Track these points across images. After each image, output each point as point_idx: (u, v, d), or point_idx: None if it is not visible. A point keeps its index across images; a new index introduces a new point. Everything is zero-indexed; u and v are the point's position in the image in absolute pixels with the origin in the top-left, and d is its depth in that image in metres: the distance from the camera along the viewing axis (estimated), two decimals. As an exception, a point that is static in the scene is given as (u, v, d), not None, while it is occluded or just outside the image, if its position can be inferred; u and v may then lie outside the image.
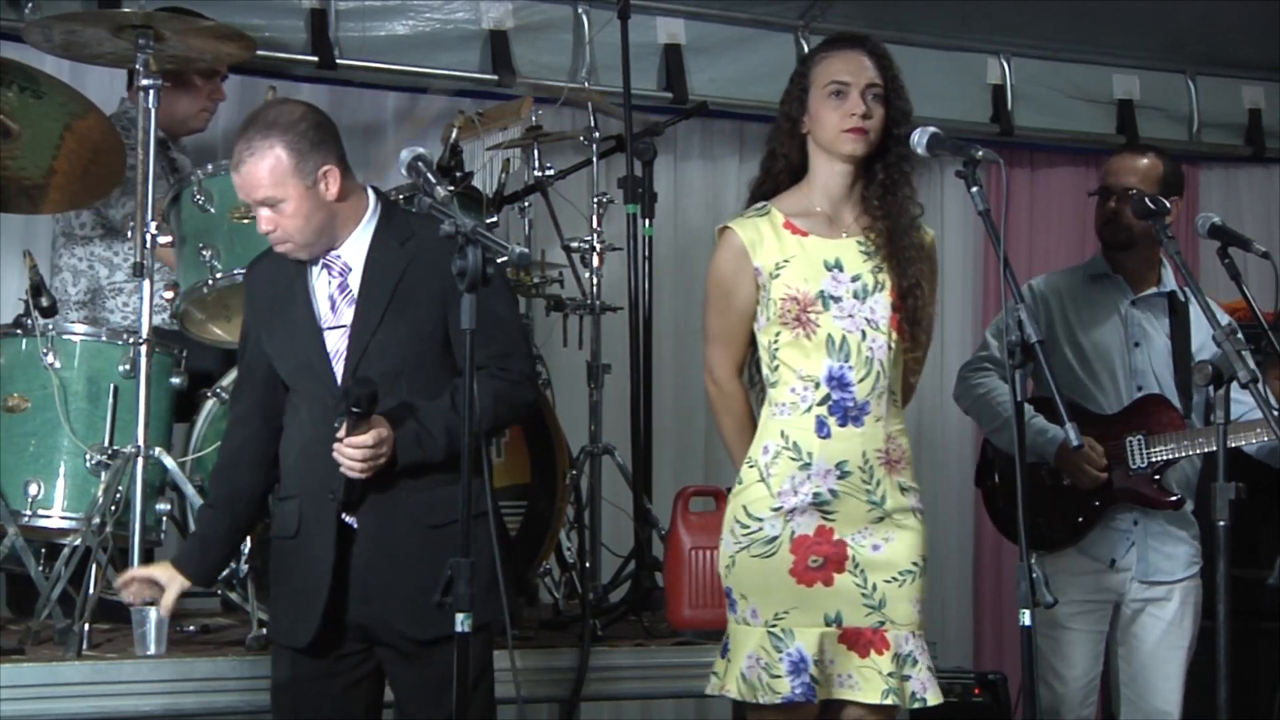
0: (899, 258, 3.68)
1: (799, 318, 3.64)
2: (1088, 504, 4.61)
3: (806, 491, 3.62)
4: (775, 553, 3.62)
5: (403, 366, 3.56)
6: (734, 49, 6.17)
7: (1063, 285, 4.79)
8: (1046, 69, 6.64)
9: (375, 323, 3.55)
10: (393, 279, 3.58)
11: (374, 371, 3.50)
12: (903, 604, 3.65)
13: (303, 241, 3.57)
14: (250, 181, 3.52)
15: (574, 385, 5.17)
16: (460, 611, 3.34)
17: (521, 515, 4.48)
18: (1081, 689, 4.67)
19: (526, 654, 4.26)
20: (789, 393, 3.66)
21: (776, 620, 3.61)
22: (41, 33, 4.48)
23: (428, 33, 5.74)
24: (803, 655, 3.58)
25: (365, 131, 5.82)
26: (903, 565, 3.66)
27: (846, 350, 3.64)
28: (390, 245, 3.61)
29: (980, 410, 4.71)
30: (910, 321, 3.70)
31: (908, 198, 3.73)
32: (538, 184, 5.09)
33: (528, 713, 4.40)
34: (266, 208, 3.53)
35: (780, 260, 3.67)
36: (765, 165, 3.81)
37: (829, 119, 3.68)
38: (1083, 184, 6.79)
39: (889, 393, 3.67)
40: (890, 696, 3.61)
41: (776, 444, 3.65)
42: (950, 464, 6.56)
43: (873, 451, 3.64)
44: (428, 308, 3.57)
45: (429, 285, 3.57)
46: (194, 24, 4.49)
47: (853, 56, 3.71)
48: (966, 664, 6.29)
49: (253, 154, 3.51)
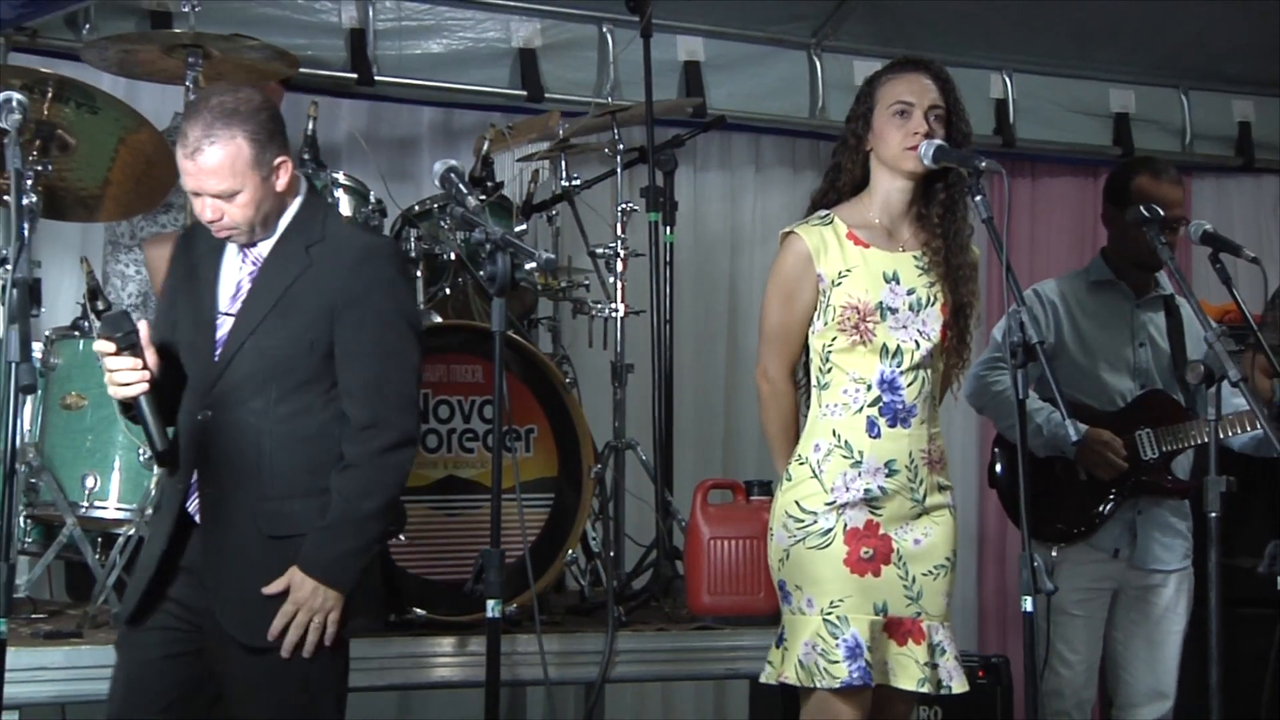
0: (954, 276, 3.70)
1: (857, 326, 3.64)
2: (1105, 497, 4.60)
3: (858, 488, 3.62)
4: (830, 544, 3.62)
5: (275, 370, 3.33)
6: (750, 65, 6.17)
7: (1069, 290, 4.78)
8: (1047, 84, 6.63)
9: (256, 322, 3.34)
10: (285, 281, 3.36)
11: (246, 370, 3.33)
12: (936, 596, 3.67)
13: (247, 230, 3.36)
14: (208, 170, 3.27)
15: (599, 384, 5.17)
16: (491, 599, 3.35)
17: (549, 507, 4.47)
18: (1084, 672, 4.66)
19: (553, 639, 4.26)
20: (841, 394, 3.66)
21: (832, 608, 3.60)
22: (98, 52, 4.50)
23: (461, 51, 5.75)
24: (858, 641, 3.58)
25: (401, 144, 5.83)
26: (939, 559, 3.68)
27: (900, 357, 3.64)
28: (294, 246, 3.39)
29: (996, 408, 4.69)
30: (959, 338, 3.71)
31: (963, 218, 3.73)
32: (565, 194, 5.09)
33: (554, 695, 4.41)
34: (219, 199, 3.30)
35: (843, 269, 3.66)
36: (830, 177, 3.80)
37: (893, 137, 3.67)
38: (1081, 193, 6.79)
39: (932, 398, 3.70)
40: (925, 685, 3.62)
41: (828, 442, 3.65)
42: (954, 457, 6.49)
43: (918, 451, 3.66)
44: (314, 316, 3.34)
45: (321, 295, 3.34)
46: (240, 43, 4.51)
47: (916, 79, 3.71)
48: (971, 648, 6.28)
49: (213, 142, 3.26)
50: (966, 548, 6.56)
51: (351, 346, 3.36)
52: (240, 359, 3.34)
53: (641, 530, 5.03)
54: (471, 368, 4.42)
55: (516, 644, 4.13)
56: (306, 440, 3.35)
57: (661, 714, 5.97)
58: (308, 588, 3.29)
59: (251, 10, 5.34)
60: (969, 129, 3.75)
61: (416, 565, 4.29)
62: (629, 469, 5.04)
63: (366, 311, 3.37)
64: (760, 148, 6.36)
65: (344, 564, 3.33)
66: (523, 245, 3.50)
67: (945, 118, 3.70)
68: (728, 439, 6.19)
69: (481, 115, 5.69)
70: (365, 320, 3.36)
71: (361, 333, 3.36)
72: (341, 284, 3.36)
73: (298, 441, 3.35)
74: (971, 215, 3.69)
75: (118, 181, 4.39)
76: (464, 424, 4.40)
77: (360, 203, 4.58)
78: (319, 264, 3.37)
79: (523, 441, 4.43)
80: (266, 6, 5.40)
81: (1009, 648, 6.17)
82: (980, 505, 6.47)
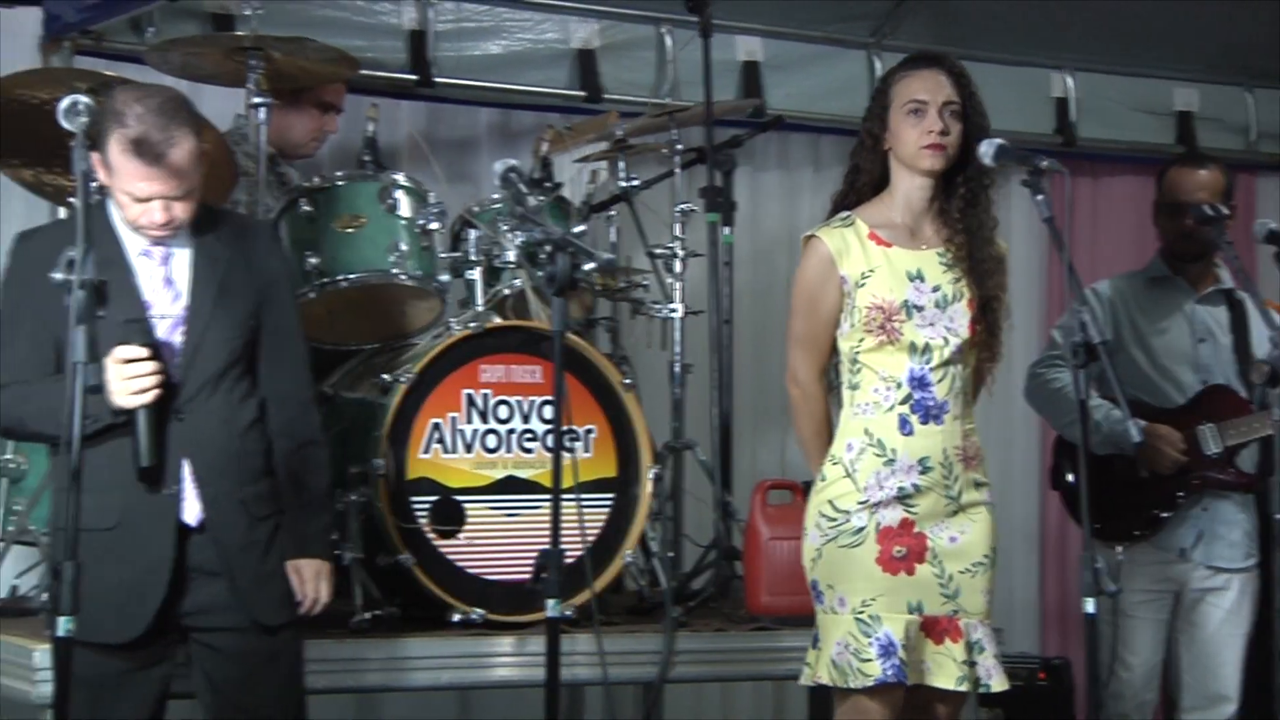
0: (978, 270, 3.68)
1: (884, 326, 3.62)
2: (1168, 496, 4.57)
3: (891, 486, 3.61)
4: (862, 543, 3.61)
5: (227, 361, 3.42)
6: (809, 65, 6.16)
7: (1126, 288, 4.76)
8: (1108, 83, 6.58)
9: (207, 316, 3.40)
10: (219, 272, 3.42)
11: (205, 367, 3.38)
12: (975, 594, 3.64)
13: (182, 227, 3.38)
14: (174, 172, 3.27)
15: (658, 385, 5.17)
16: (550, 598, 3.37)
17: (608, 508, 4.48)
18: (1145, 674, 4.64)
19: (612, 639, 4.26)
20: (871, 393, 3.65)
21: (864, 607, 3.59)
22: (161, 55, 4.54)
23: (519, 52, 5.76)
24: (891, 639, 3.57)
25: (461, 145, 5.84)
26: (976, 556, 3.65)
27: (929, 354, 3.62)
28: (209, 237, 3.43)
29: (1055, 405, 4.67)
30: (989, 332, 3.69)
31: (986, 211, 3.71)
32: (623, 194, 5.09)
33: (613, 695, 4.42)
34: (176, 200, 3.30)
35: (866, 270, 3.65)
36: (849, 179, 3.80)
37: (908, 136, 3.66)
38: (1143, 193, 6.69)
39: (964, 394, 3.68)
40: (964, 683, 3.60)
41: (861, 441, 3.64)
42: (1016, 457, 6.50)
43: (952, 448, 3.64)
44: (249, 304, 3.45)
45: (250, 280, 3.45)
46: (301, 46, 4.54)
47: (930, 75, 3.69)
48: (1032, 650, 6.24)
49: (174, 144, 3.27)
50: (1028, 548, 6.53)
51: (282, 325, 3.53)
52: (200, 357, 3.40)
53: (700, 531, 5.03)
54: (530, 368, 4.43)
55: (575, 644, 4.13)
56: (254, 423, 3.49)
57: (720, 714, 5.96)
58: (311, 567, 3.53)
59: (312, 12, 5.36)
60: (986, 122, 3.73)
61: (476, 565, 4.31)
62: (688, 469, 5.04)
63: (286, 291, 3.57)
64: (819, 148, 6.34)
65: (326, 536, 3.64)
66: (582, 245, 3.52)
67: (962, 113, 3.68)
68: (786, 439, 6.17)
69: (540, 116, 5.70)
70: (287, 299, 3.57)
71: (288, 311, 3.55)
72: (261, 266, 3.48)
73: (249, 425, 3.48)
74: (1031, 215, 3.68)
75: (180, 183, 4.41)
76: (523, 424, 4.41)
77: (420, 204, 4.60)
78: (238, 252, 3.46)
79: (582, 442, 4.44)
80: (327, 9, 5.42)
81: (1070, 649, 6.12)
82: (1042, 505, 6.44)
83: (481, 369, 4.37)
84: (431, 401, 4.30)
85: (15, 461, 4.43)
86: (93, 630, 3.19)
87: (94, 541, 3.21)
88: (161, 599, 3.36)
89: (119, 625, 3.35)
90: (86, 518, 3.10)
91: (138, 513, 3.37)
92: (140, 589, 3.36)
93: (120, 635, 3.35)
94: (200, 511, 3.41)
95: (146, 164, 3.27)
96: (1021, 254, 6.57)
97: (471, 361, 4.36)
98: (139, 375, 3.26)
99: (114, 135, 3.30)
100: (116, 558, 3.34)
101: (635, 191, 5.09)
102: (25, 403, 3.38)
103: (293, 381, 3.55)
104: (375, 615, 4.19)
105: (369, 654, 4.12)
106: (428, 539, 4.27)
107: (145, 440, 3.32)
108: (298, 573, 3.52)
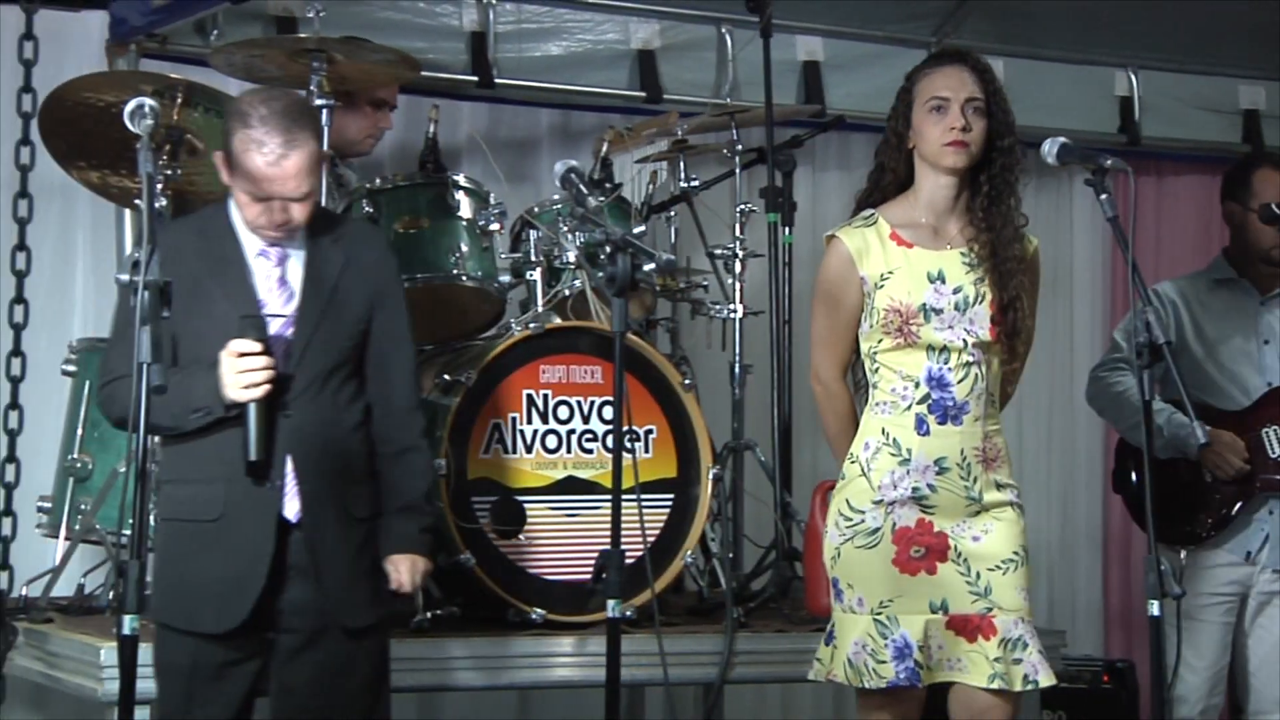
0: (1000, 270, 3.63)
1: (901, 328, 3.60)
2: (1233, 499, 4.53)
3: (906, 486, 3.59)
4: (878, 544, 3.59)
5: (335, 363, 3.47)
6: (870, 65, 6.13)
7: (1190, 290, 4.72)
8: (1173, 81, 6.52)
9: (318, 317, 3.45)
10: (333, 275, 3.47)
11: (314, 367, 3.43)
12: (1009, 591, 3.60)
13: (300, 229, 3.44)
14: (293, 174, 3.33)
15: (717, 385, 5.16)
16: (610, 599, 3.37)
17: (668, 508, 4.48)
18: (1210, 678, 4.60)
19: (672, 639, 4.26)
20: (889, 392, 3.63)
21: (881, 608, 3.58)
22: (225, 57, 4.57)
23: (580, 53, 5.77)
24: (907, 641, 3.55)
25: (521, 146, 5.86)
26: (1004, 555, 3.62)
27: (947, 355, 3.60)
28: (324, 240, 3.49)
29: (1117, 408, 4.64)
30: (1009, 334, 3.65)
31: (1012, 209, 3.67)
32: (683, 194, 5.09)
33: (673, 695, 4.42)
34: (294, 201, 3.37)
35: (885, 271, 3.63)
36: (873, 178, 3.77)
37: (931, 133, 3.64)
38: (1208, 192, 6.64)
39: (988, 394, 3.63)
40: (997, 681, 3.56)
41: (877, 440, 3.62)
42: (1079, 460, 6.46)
43: (970, 449, 3.61)
44: (360, 308, 3.50)
45: (362, 286, 3.50)
46: (363, 48, 4.57)
47: (953, 72, 3.67)
48: (1096, 652, 6.20)
49: (296, 146, 3.33)
50: (1091, 551, 6.50)
51: (392, 332, 3.56)
52: (309, 357, 3.43)
53: (760, 531, 5.02)
54: (590, 368, 4.44)
55: (636, 644, 4.13)
56: (359, 426, 3.53)
57: (781, 715, 5.96)
58: (407, 560, 3.55)
59: (374, 14, 5.39)
60: (1011, 119, 3.69)
61: (536, 565, 4.32)
62: (748, 470, 5.04)
63: (398, 298, 3.60)
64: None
65: (428, 538, 3.63)
66: (642, 246, 3.52)
67: (985, 109, 3.64)
68: (847, 440, 6.16)
69: (600, 116, 5.71)
70: (398, 307, 3.59)
71: (398, 319, 3.58)
72: (375, 273, 3.52)
73: (354, 428, 3.52)
74: (1095, 215, 3.65)
75: (243, 185, 4.44)
76: (583, 425, 4.42)
77: (480, 204, 4.62)
78: (352, 256, 3.51)
79: (642, 442, 4.45)
80: (388, 11, 5.45)
81: (1134, 652, 6.08)
82: (1105, 508, 6.40)
83: (542, 369, 4.39)
84: (492, 402, 4.32)
85: (81, 461, 4.48)
86: (193, 619, 3.38)
87: (198, 533, 3.40)
88: (259, 593, 3.39)
89: (218, 616, 3.40)
90: (191, 509, 3.40)
91: (241, 506, 3.41)
92: (240, 581, 3.40)
93: (218, 625, 3.40)
94: (298, 509, 3.45)
95: (268, 165, 3.33)
96: (1084, 255, 6.55)
97: (532, 362, 4.38)
98: (252, 369, 3.32)
99: (238, 135, 3.37)
100: (219, 550, 3.40)
101: (695, 192, 5.09)
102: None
103: (398, 387, 3.57)
104: (436, 615, 4.21)
105: (430, 654, 4.14)
106: (488, 539, 4.28)
107: (255, 434, 3.36)
108: (395, 566, 3.55)
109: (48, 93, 4.32)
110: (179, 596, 3.42)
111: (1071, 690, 5.48)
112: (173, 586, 3.44)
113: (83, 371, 4.56)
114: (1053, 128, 3.69)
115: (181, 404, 3.35)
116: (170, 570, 3.46)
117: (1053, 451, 6.42)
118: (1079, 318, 6.54)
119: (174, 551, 3.47)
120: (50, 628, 4.19)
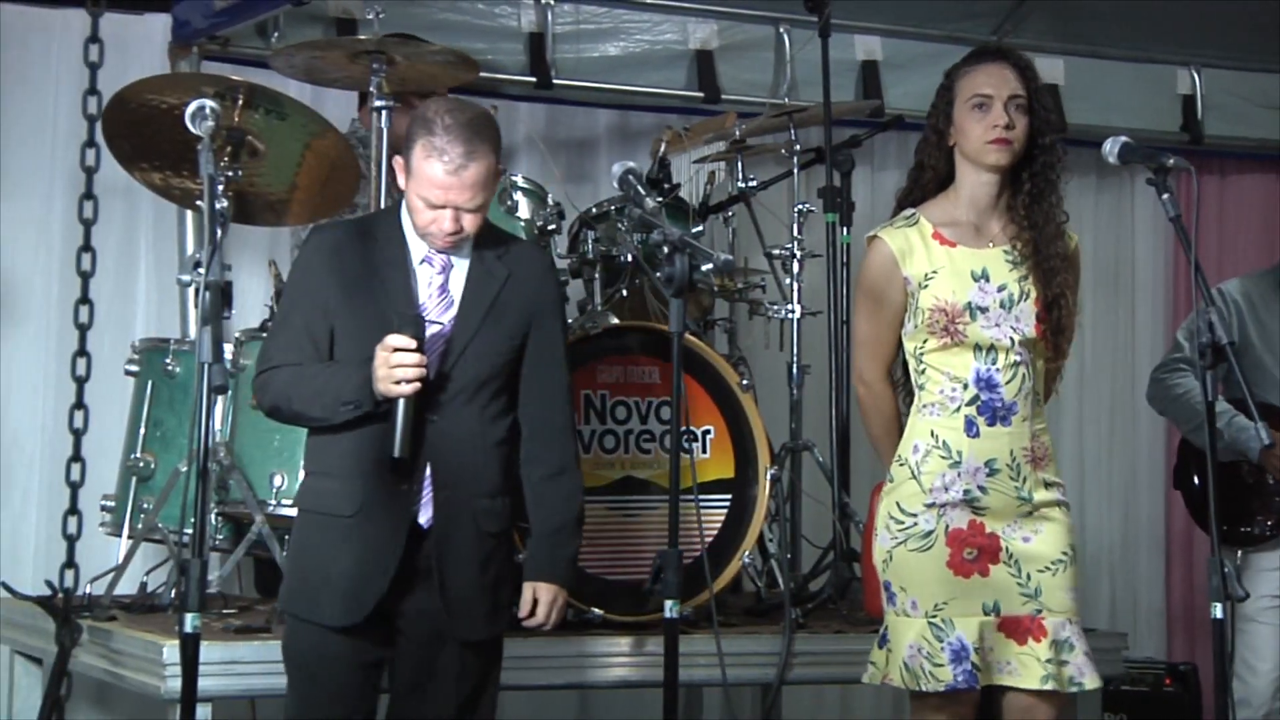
0: (1044, 268, 3.60)
1: (947, 328, 3.58)
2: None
3: (957, 489, 3.57)
4: (932, 546, 3.57)
5: (487, 376, 3.47)
6: (929, 64, 6.07)
7: (1253, 289, 4.68)
8: (1236, 79, 6.47)
9: (473, 329, 3.46)
10: (493, 290, 3.49)
11: (464, 376, 3.44)
12: (1058, 592, 3.58)
13: (470, 239, 3.47)
14: (469, 185, 3.37)
15: (775, 385, 5.15)
16: (669, 599, 3.37)
17: (726, 508, 4.48)
18: (1271, 681, 4.56)
19: (730, 640, 4.26)
20: (938, 394, 3.60)
21: (936, 611, 3.56)
22: (285, 59, 4.60)
23: (638, 53, 5.78)
24: (964, 644, 3.53)
25: (579, 146, 5.88)
26: (1053, 555, 3.59)
27: (994, 355, 3.57)
28: (488, 254, 3.51)
29: (1178, 410, 4.60)
30: (1054, 331, 3.62)
31: (1054, 205, 3.64)
32: (741, 195, 5.09)
33: (731, 696, 4.41)
34: (466, 211, 3.41)
35: (929, 271, 3.61)
36: (913, 176, 3.76)
37: (973, 131, 3.61)
38: (1272, 190, 6.61)
39: (1034, 393, 3.61)
40: (1049, 682, 3.54)
41: (927, 443, 3.60)
42: (1141, 462, 6.42)
43: (1019, 450, 3.58)
44: (517, 325, 3.51)
45: (522, 303, 3.51)
46: (423, 49, 4.58)
47: (995, 69, 3.64)
48: (1159, 655, 6.16)
49: (475, 158, 3.36)
50: (1153, 552, 6.45)
51: (547, 353, 3.55)
52: (461, 365, 3.45)
53: (818, 532, 5.01)
54: (649, 369, 4.44)
55: (693, 644, 4.13)
56: (502, 442, 3.52)
57: (839, 715, 5.94)
58: (549, 591, 3.56)
59: (433, 16, 5.42)
60: (1053, 116, 3.67)
61: (594, 565, 4.33)
62: (806, 470, 5.02)
63: (556, 320, 3.60)
64: (939, 147, 6.29)
65: (572, 566, 3.64)
66: (700, 246, 3.52)
67: (1027, 107, 3.61)
68: (905, 441, 6.13)
69: (658, 117, 5.72)
70: (556, 328, 3.59)
71: (555, 340, 3.58)
72: (535, 293, 3.54)
73: (498, 444, 3.51)
74: (1157, 214, 3.62)
75: (304, 186, 4.48)
76: (641, 425, 4.42)
77: (539, 205, 4.62)
78: (515, 273, 3.51)
79: (699, 443, 4.44)
80: (447, 12, 5.48)
81: (1197, 655, 6.03)
82: (1167, 509, 6.35)
83: (599, 370, 4.39)
84: (550, 402, 4.32)
85: (144, 460, 4.52)
86: (317, 610, 3.43)
87: (333, 526, 3.43)
88: (383, 593, 3.41)
89: (341, 610, 3.42)
90: (329, 502, 3.43)
91: (376, 505, 3.43)
92: (367, 579, 3.41)
93: (340, 619, 3.42)
94: (430, 515, 3.46)
95: (446, 173, 3.36)
96: (1146, 255, 6.51)
97: (589, 362, 4.39)
98: (405, 364, 3.33)
99: (420, 142, 3.41)
100: (351, 545, 3.43)
101: (753, 192, 5.08)
102: (296, 384, 3.46)
103: (550, 408, 3.57)
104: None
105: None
106: (547, 539, 4.28)
107: (401, 431, 3.36)
108: (536, 594, 3.56)
109: (111, 95, 4.36)
110: (307, 586, 3.47)
111: (1134, 693, 5.46)
112: (302, 577, 3.50)
113: (145, 371, 4.60)
114: (1114, 127, 3.68)
115: (333, 396, 3.40)
116: (303, 560, 3.52)
117: (1114, 452, 6.38)
118: (1141, 318, 6.50)
119: (308, 542, 3.51)
120: (113, 625, 4.23)
